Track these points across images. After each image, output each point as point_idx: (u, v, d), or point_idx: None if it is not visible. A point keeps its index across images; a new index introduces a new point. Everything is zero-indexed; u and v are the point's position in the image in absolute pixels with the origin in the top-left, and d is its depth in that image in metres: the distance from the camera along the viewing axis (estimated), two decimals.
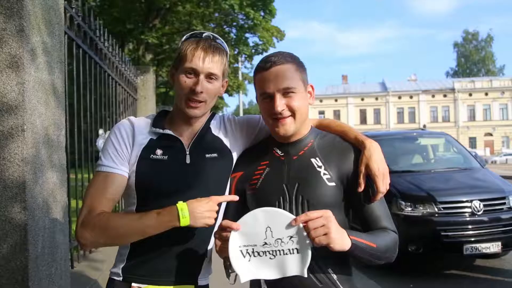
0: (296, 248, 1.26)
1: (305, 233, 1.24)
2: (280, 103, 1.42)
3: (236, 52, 19.64)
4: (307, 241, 1.25)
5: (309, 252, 1.25)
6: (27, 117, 2.00)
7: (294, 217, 1.26)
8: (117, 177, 1.46)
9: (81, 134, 3.80)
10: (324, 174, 1.46)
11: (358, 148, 1.49)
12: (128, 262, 1.51)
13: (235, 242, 1.28)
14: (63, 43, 2.60)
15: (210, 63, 1.48)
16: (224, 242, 1.33)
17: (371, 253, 1.37)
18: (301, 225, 1.25)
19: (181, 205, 1.35)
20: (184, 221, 1.34)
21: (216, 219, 1.42)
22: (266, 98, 1.46)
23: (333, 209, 1.36)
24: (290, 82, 1.43)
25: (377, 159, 1.43)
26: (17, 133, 1.97)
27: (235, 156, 1.63)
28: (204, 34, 1.54)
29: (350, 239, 1.30)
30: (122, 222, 1.39)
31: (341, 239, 1.27)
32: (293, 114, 1.45)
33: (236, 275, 1.32)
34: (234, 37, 19.12)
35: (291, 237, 1.26)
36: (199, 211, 1.35)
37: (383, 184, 1.42)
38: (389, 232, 1.46)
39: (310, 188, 1.44)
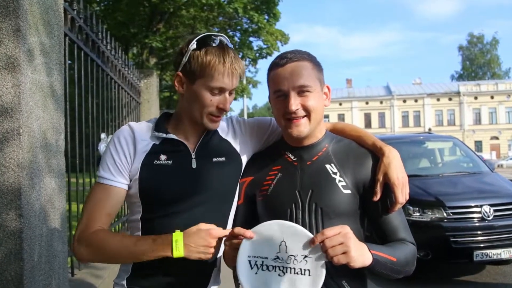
0: (309, 270, 1.17)
1: (320, 254, 1.16)
2: (295, 102, 1.33)
3: (240, 56, 19.60)
4: (322, 263, 1.16)
5: (322, 277, 1.17)
6: (23, 120, 1.92)
7: (312, 236, 1.18)
8: (115, 190, 1.41)
9: (82, 138, 3.72)
10: (340, 181, 1.38)
11: (376, 154, 1.41)
12: (133, 273, 1.44)
13: (245, 251, 1.21)
14: (62, 44, 2.52)
15: (236, 78, 1.42)
16: (234, 251, 1.26)
17: (391, 268, 1.28)
18: (318, 244, 1.16)
19: (176, 235, 1.29)
20: (177, 253, 1.28)
21: (216, 248, 1.33)
22: (280, 97, 1.37)
23: (348, 218, 1.32)
24: (306, 80, 1.35)
25: (396, 167, 1.35)
26: (12, 137, 1.89)
27: (244, 159, 1.54)
28: (218, 40, 1.42)
29: (371, 253, 1.21)
30: (116, 244, 1.35)
31: (361, 256, 1.19)
32: (308, 114, 1.36)
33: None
34: (238, 41, 19.12)
35: (306, 256, 1.17)
36: (194, 244, 1.28)
37: (402, 194, 1.35)
38: (408, 244, 1.38)
39: (325, 196, 1.37)
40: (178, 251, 1.27)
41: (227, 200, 1.49)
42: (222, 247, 1.47)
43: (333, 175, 1.39)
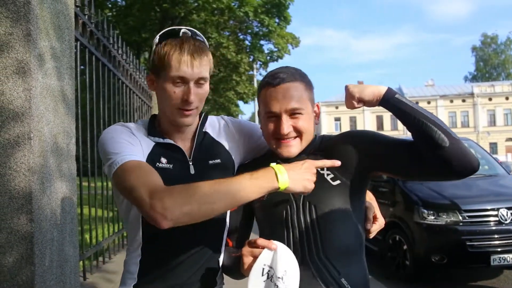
0: None
1: None
2: (287, 125, 1.36)
3: (251, 59, 19.63)
4: None
5: None
6: (34, 124, 1.92)
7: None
8: (145, 164, 1.27)
9: (94, 143, 3.73)
10: (328, 174, 1.40)
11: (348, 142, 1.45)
12: (139, 280, 1.40)
13: (263, 260, 1.26)
14: (73, 48, 2.53)
15: (199, 67, 1.32)
16: (250, 258, 1.28)
17: (417, 109, 1.28)
18: None
19: (276, 166, 1.20)
20: (284, 183, 1.17)
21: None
22: (271, 117, 1.38)
23: (341, 209, 1.37)
24: (298, 103, 1.36)
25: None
26: (23, 141, 1.89)
27: (236, 161, 1.52)
28: (181, 32, 1.36)
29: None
30: (209, 185, 1.16)
31: (365, 88, 1.35)
32: (299, 135, 1.39)
33: None
34: (249, 44, 19.13)
35: None
36: (298, 172, 1.20)
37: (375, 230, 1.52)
38: None
39: (315, 194, 1.34)
40: (284, 180, 1.17)
41: None
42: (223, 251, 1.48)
43: (321, 171, 1.38)
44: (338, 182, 1.39)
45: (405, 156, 1.31)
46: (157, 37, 1.37)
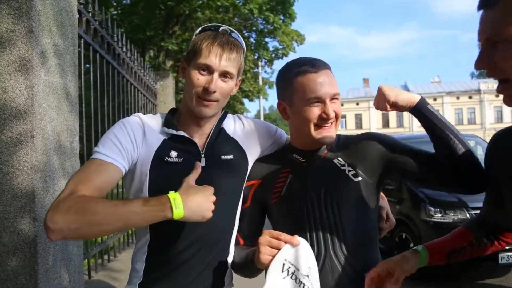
0: None
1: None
2: (331, 109, 1.39)
3: (256, 57, 19.58)
4: None
5: None
6: (37, 122, 1.91)
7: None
8: (112, 167, 1.28)
9: (98, 141, 3.72)
10: (349, 171, 1.43)
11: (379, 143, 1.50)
12: (145, 277, 1.38)
13: (284, 254, 1.22)
14: (76, 46, 2.51)
15: (226, 60, 1.36)
16: (270, 250, 1.23)
17: (444, 122, 1.36)
18: None
19: (173, 194, 1.17)
20: (178, 213, 1.14)
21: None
22: (314, 103, 1.39)
23: (361, 205, 1.41)
24: (336, 88, 1.42)
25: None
26: (26, 139, 1.87)
27: (250, 159, 1.52)
28: (221, 28, 1.42)
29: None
30: (103, 205, 1.15)
31: (400, 93, 1.39)
32: (336, 120, 1.42)
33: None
34: (254, 41, 19.07)
35: None
36: (196, 202, 1.17)
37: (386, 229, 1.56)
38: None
39: (337, 188, 1.42)
40: (178, 211, 1.14)
41: (235, 198, 1.47)
42: (232, 250, 1.45)
43: (342, 167, 1.43)
44: (359, 179, 1.42)
45: (424, 165, 1.38)
46: (199, 29, 1.43)
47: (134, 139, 1.35)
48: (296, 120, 1.44)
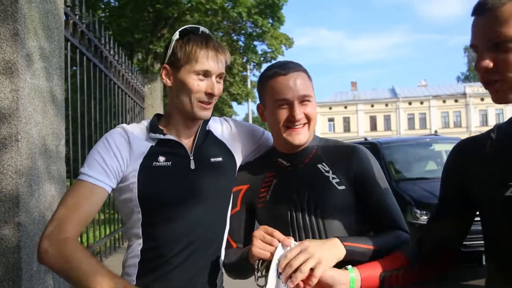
0: None
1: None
2: (300, 111, 1.39)
3: (244, 60, 19.61)
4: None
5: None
6: (22, 126, 1.89)
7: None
8: (99, 191, 1.32)
9: (85, 144, 3.69)
10: (333, 178, 1.43)
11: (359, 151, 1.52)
12: (138, 281, 1.37)
13: (277, 255, 1.24)
14: (63, 49, 2.49)
15: (221, 63, 1.41)
16: (264, 245, 1.25)
17: (374, 256, 1.30)
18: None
19: None
20: None
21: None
22: (283, 105, 1.40)
23: (345, 214, 1.40)
24: (307, 90, 1.42)
25: None
26: (10, 143, 1.85)
27: (238, 161, 1.54)
28: (200, 29, 1.45)
29: (344, 245, 1.26)
30: (82, 262, 1.22)
31: (330, 252, 1.23)
32: (308, 122, 1.42)
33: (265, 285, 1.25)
34: (243, 45, 19.10)
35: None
36: None
37: None
38: (395, 231, 1.43)
39: (321, 195, 1.41)
40: None
41: (225, 201, 1.48)
42: (223, 251, 1.46)
43: (326, 174, 1.43)
44: (343, 187, 1.42)
45: (373, 221, 1.44)
46: (177, 33, 1.44)
47: (120, 155, 1.35)
48: (270, 123, 1.46)
